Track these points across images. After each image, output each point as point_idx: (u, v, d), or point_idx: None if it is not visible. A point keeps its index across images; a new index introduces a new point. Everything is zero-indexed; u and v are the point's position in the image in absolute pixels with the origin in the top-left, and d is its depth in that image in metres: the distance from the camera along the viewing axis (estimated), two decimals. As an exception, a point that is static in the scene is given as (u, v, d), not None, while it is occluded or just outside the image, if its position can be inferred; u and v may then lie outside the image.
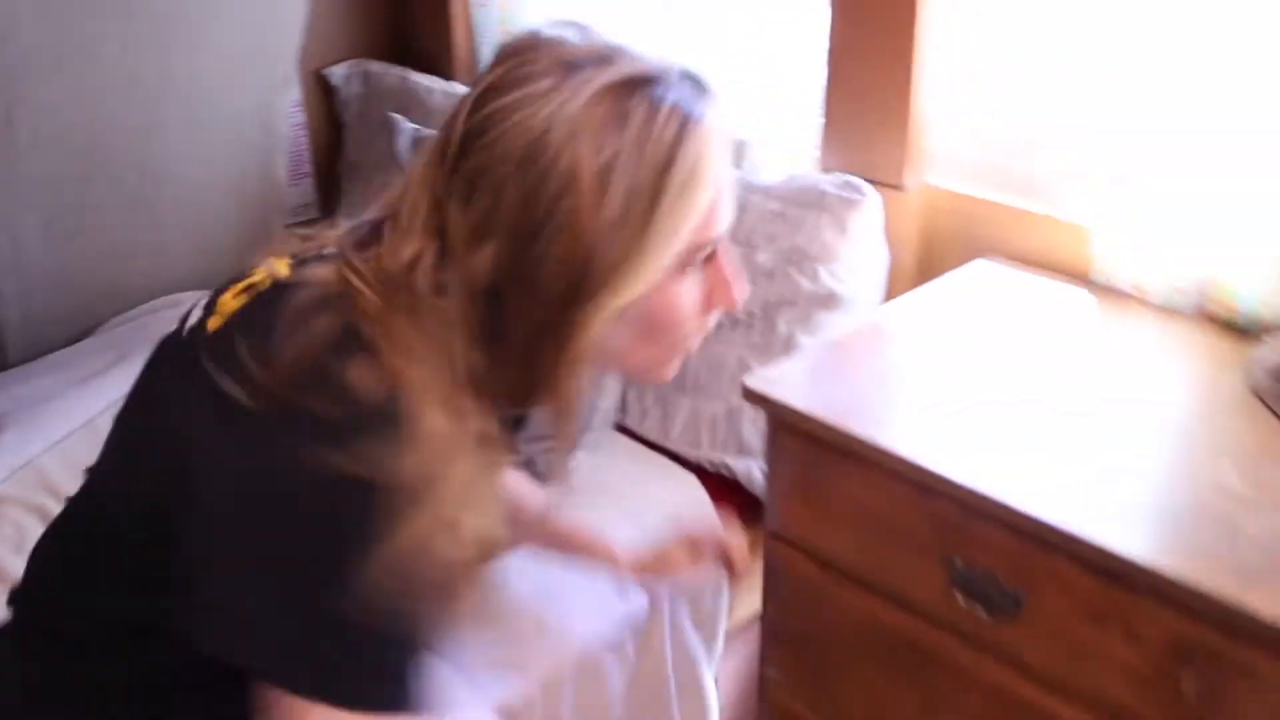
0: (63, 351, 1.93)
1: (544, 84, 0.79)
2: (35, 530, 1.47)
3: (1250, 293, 1.31)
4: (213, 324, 0.84)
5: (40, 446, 1.68)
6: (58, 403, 1.76)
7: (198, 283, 2.10)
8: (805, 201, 1.54)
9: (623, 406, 1.74)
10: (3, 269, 1.86)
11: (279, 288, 0.83)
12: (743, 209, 1.59)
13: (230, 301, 0.85)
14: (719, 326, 1.07)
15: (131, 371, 1.79)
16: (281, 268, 0.86)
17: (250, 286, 0.86)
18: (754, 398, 1.24)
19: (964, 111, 1.61)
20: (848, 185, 1.52)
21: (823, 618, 1.30)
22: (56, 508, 1.50)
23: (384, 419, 0.74)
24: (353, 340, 0.77)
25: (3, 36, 1.69)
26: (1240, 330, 1.33)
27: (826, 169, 1.63)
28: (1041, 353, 1.32)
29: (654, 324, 0.87)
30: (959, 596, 1.12)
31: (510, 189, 0.78)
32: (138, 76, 1.85)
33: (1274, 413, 1.16)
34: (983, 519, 1.07)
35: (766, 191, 1.60)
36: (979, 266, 1.53)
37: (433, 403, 0.77)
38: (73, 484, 1.53)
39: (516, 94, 0.79)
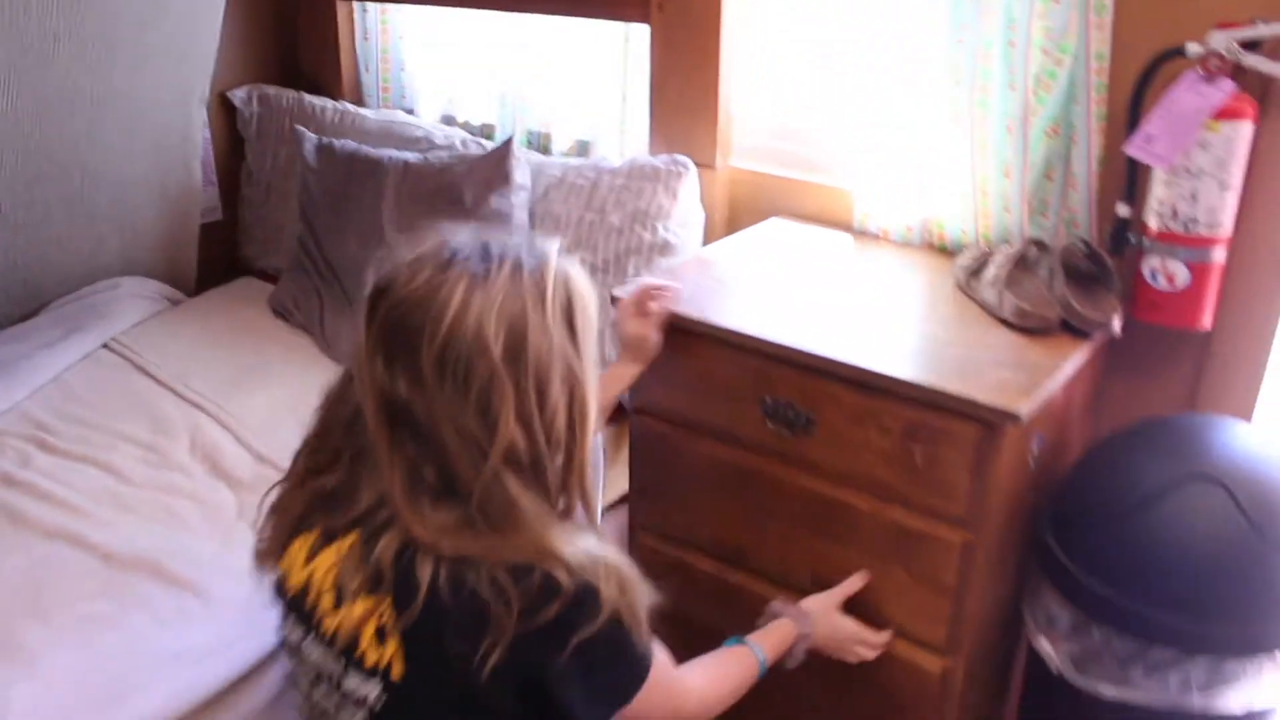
0: (20, 325, 2.26)
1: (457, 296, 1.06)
2: (32, 453, 1.84)
3: (952, 227, 1.90)
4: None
5: (22, 394, 2.03)
6: (28, 362, 2.09)
7: (127, 268, 2.45)
8: (644, 175, 2.05)
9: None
10: (-37, 256, 2.18)
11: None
12: (596, 186, 2.09)
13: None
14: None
15: (83, 340, 2.20)
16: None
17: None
18: (616, 300, 1.73)
19: (756, 109, 2.16)
20: (675, 162, 2.05)
21: (675, 465, 1.79)
22: (43, 436, 1.88)
23: (580, 588, 1.07)
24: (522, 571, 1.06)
25: (-30, 55, 2.02)
26: (948, 251, 1.91)
27: (655, 154, 2.15)
28: (818, 272, 1.87)
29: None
30: (769, 424, 1.64)
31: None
32: (81, 90, 2.20)
33: (967, 295, 1.74)
34: (783, 364, 1.59)
35: (614, 172, 2.10)
36: (772, 223, 2.08)
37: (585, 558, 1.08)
38: (50, 422, 1.92)
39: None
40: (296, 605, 1.18)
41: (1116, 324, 1.62)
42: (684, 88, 2.10)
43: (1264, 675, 1.48)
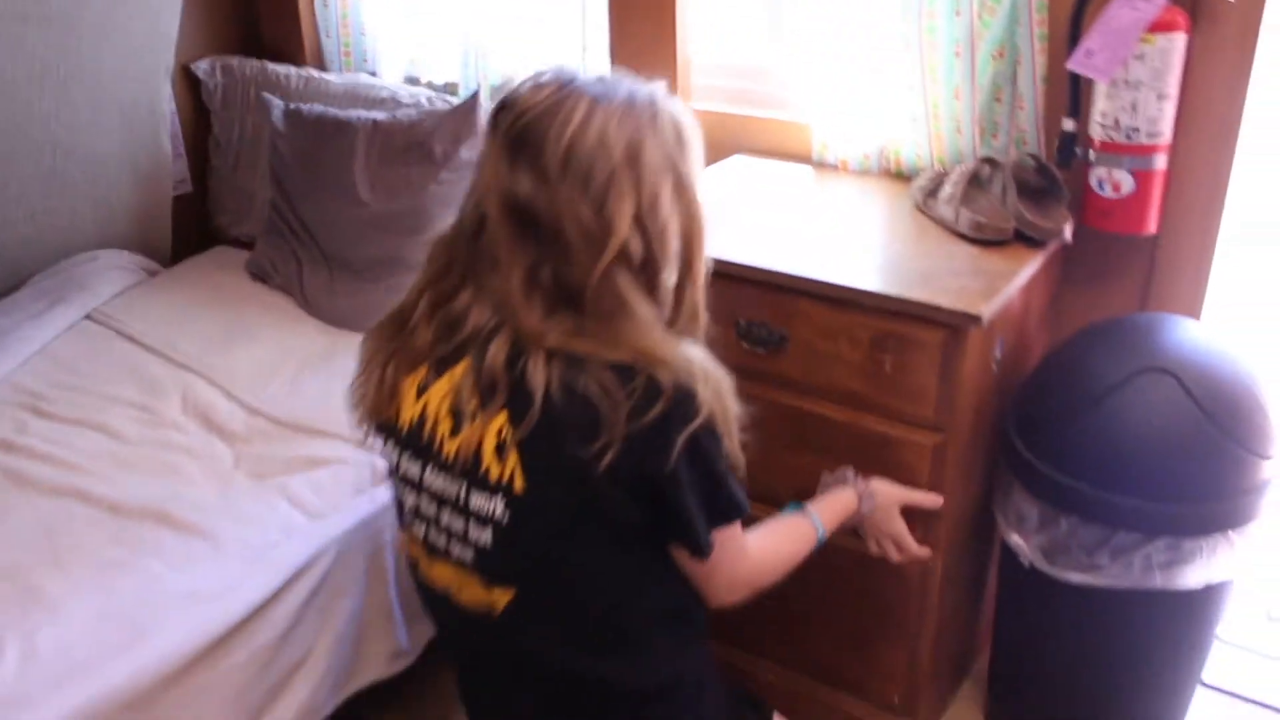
0: (4, 300, 2.29)
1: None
2: (27, 419, 1.89)
3: (907, 153, 1.98)
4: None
5: (12, 365, 2.07)
6: (13, 335, 2.13)
7: (104, 242, 2.48)
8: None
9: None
10: (-59, 235, 2.21)
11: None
12: (563, 133, 2.15)
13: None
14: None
15: (67, 311, 2.25)
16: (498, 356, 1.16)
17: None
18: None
19: (713, 50, 2.22)
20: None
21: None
22: (37, 404, 1.93)
23: (679, 389, 1.13)
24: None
25: (-60, 36, 2.05)
26: (905, 176, 1.99)
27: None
28: (782, 202, 1.94)
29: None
30: (744, 345, 1.71)
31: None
32: (49, 68, 2.22)
33: (925, 214, 1.82)
34: (754, 285, 1.67)
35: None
36: (735, 159, 2.15)
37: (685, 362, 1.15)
38: (43, 390, 1.97)
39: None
40: (412, 440, 1.24)
41: (1068, 232, 1.71)
42: (641, 32, 2.16)
43: (1219, 552, 1.58)
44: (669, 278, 1.20)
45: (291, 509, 1.71)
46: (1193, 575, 1.59)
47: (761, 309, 1.68)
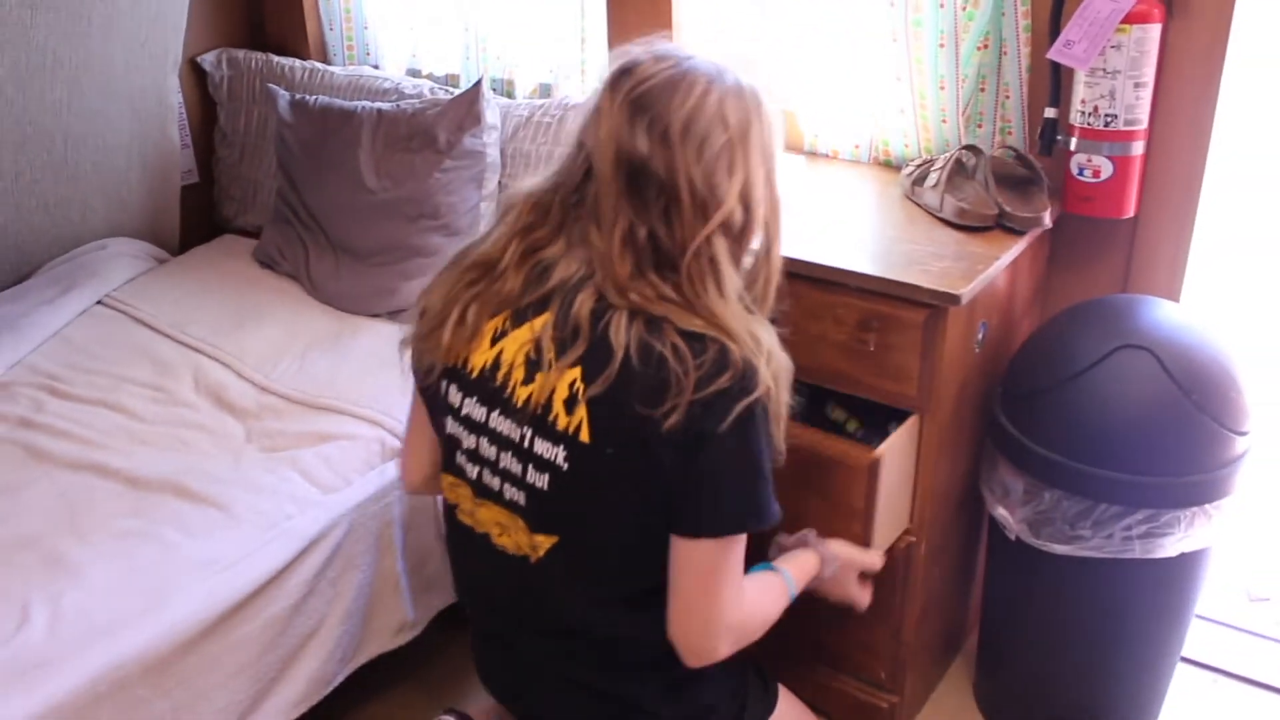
0: (16, 287, 2.34)
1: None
2: (45, 399, 1.95)
3: (896, 142, 2.04)
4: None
5: (27, 349, 2.13)
6: (30, 318, 2.19)
7: (113, 230, 2.54)
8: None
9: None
10: (-45, 224, 2.27)
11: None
12: (562, 122, 2.22)
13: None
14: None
15: (80, 297, 2.31)
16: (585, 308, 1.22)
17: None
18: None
19: (709, 42, 2.28)
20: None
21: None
22: (54, 384, 1.99)
23: (746, 364, 1.19)
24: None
25: (-46, 28, 2.10)
26: (894, 166, 2.06)
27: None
28: (776, 191, 2.00)
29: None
30: (739, 326, 1.77)
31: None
32: (60, 59, 2.28)
33: (912, 201, 1.89)
34: (748, 268, 1.73)
35: (579, 108, 2.20)
36: (730, 149, 2.21)
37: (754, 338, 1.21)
38: (59, 371, 2.03)
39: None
40: (482, 384, 1.29)
41: (1047, 219, 1.77)
42: (639, 25, 2.22)
43: (1196, 524, 1.65)
44: (754, 253, 1.29)
45: (304, 481, 1.77)
46: (1171, 545, 1.65)
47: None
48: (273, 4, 2.78)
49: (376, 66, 2.67)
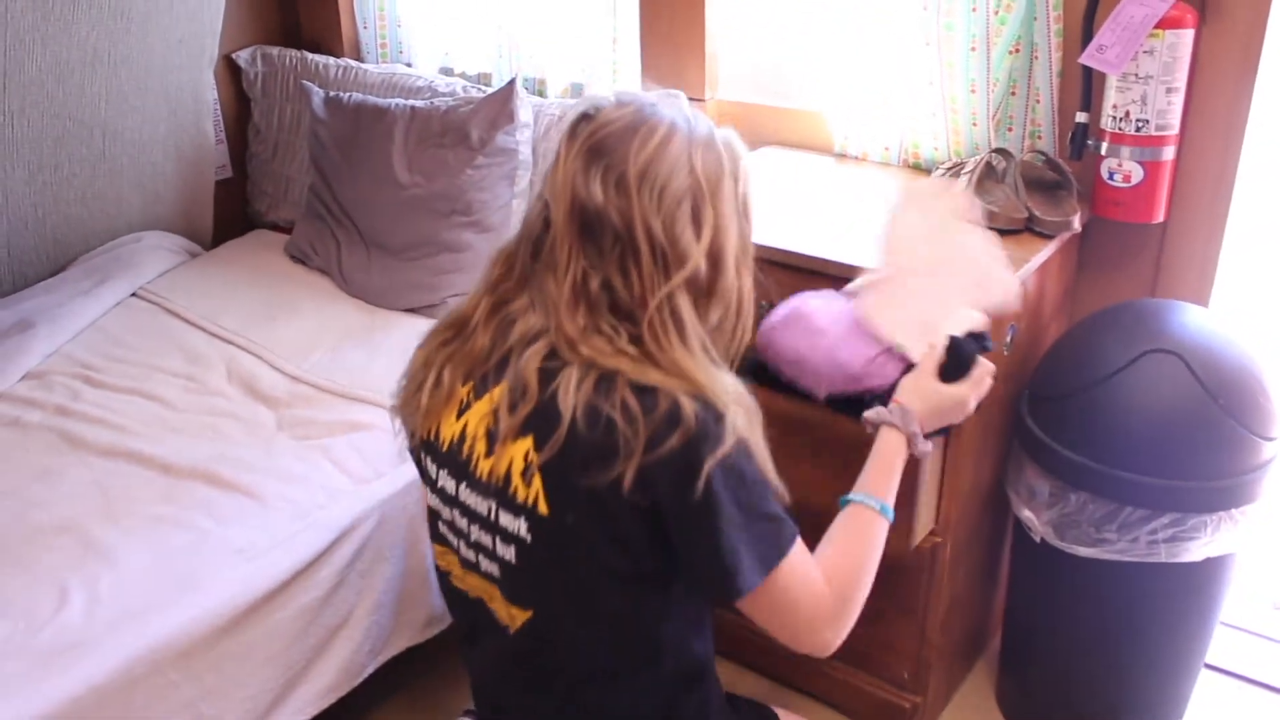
0: (53, 279, 2.39)
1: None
2: (80, 388, 1.98)
3: (926, 146, 2.05)
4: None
5: (64, 339, 2.17)
6: (67, 309, 2.23)
7: (147, 223, 2.58)
8: (640, 110, 2.19)
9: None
10: (-5, 214, 2.30)
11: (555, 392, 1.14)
12: (594, 123, 2.23)
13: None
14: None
15: (115, 289, 2.34)
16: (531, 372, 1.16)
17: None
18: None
19: (741, 44, 2.30)
20: (668, 94, 2.18)
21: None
22: (89, 374, 2.02)
23: (703, 418, 1.11)
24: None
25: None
26: (924, 169, 2.06)
27: (648, 88, 2.29)
28: (804, 191, 2.02)
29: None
30: (768, 325, 1.79)
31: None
32: (100, 54, 2.32)
33: (944, 203, 1.90)
34: (776, 267, 1.73)
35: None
36: (761, 152, 2.22)
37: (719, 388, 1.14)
38: (94, 361, 2.07)
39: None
40: (452, 458, 1.26)
41: (1076, 223, 1.77)
42: (671, 25, 2.24)
43: (1222, 529, 1.65)
44: (721, 309, 1.23)
45: (335, 471, 1.79)
46: (1197, 550, 1.65)
47: (783, 291, 1.75)
48: (308, 2, 2.81)
49: (409, 65, 2.69)
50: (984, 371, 1.42)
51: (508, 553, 1.22)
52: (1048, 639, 1.89)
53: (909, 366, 1.45)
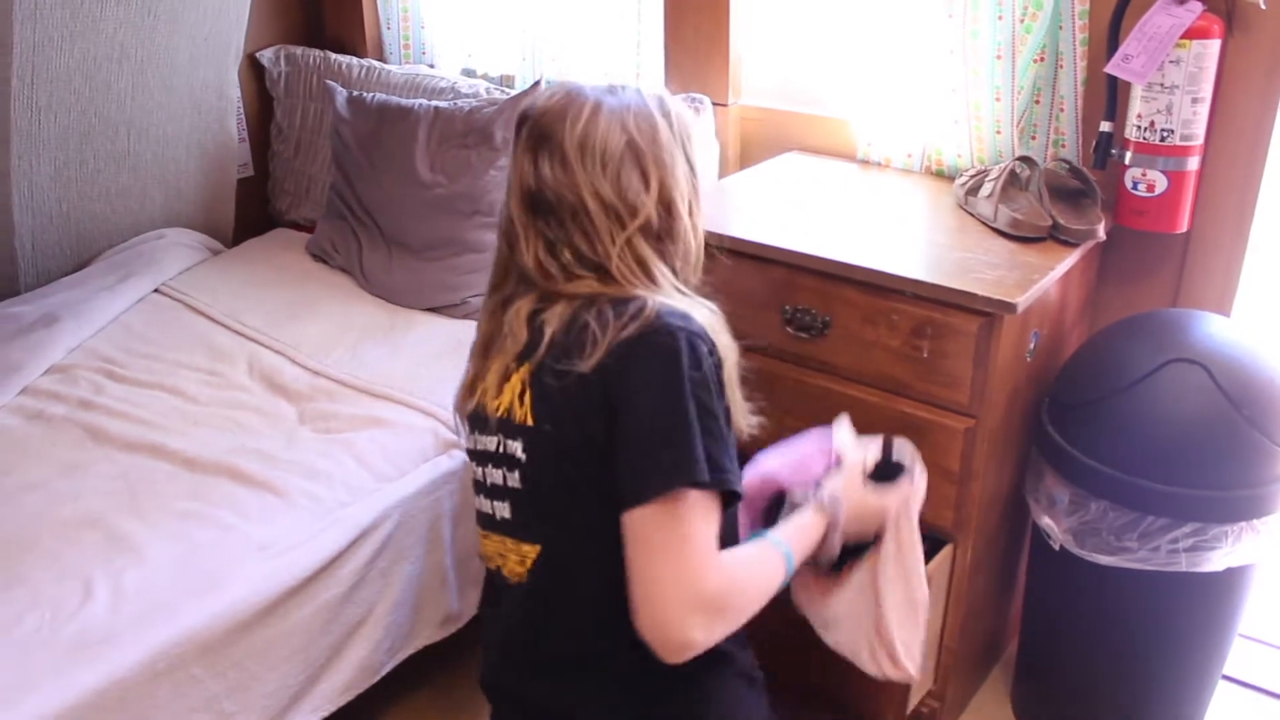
0: (77, 274, 2.40)
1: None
2: (103, 382, 2.00)
3: (949, 153, 2.05)
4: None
5: (89, 333, 2.18)
6: (88, 305, 2.24)
7: (170, 220, 2.59)
8: (663, 114, 2.20)
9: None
10: (20, 209, 2.31)
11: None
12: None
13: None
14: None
15: (138, 285, 2.36)
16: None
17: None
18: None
19: (764, 50, 2.30)
20: (692, 99, 2.19)
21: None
22: (112, 368, 2.03)
23: (679, 313, 1.22)
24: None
25: (28, 16, 2.14)
26: (947, 176, 2.07)
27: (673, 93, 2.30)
28: (829, 196, 2.02)
29: None
30: (789, 330, 1.79)
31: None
32: (127, 51, 2.33)
33: (966, 211, 1.90)
34: (802, 271, 1.75)
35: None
36: (783, 157, 2.23)
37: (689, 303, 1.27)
38: (117, 356, 2.08)
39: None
40: (477, 415, 1.35)
41: (1101, 231, 1.78)
42: (696, 30, 2.25)
43: (1244, 539, 1.65)
44: (680, 242, 1.33)
45: (358, 467, 1.80)
46: (1218, 560, 1.65)
47: (808, 294, 1.76)
48: (332, 2, 2.83)
49: (432, 66, 2.71)
50: (909, 489, 1.43)
51: (512, 478, 1.30)
52: (1065, 646, 1.89)
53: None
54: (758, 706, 1.38)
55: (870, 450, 1.46)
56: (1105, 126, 1.83)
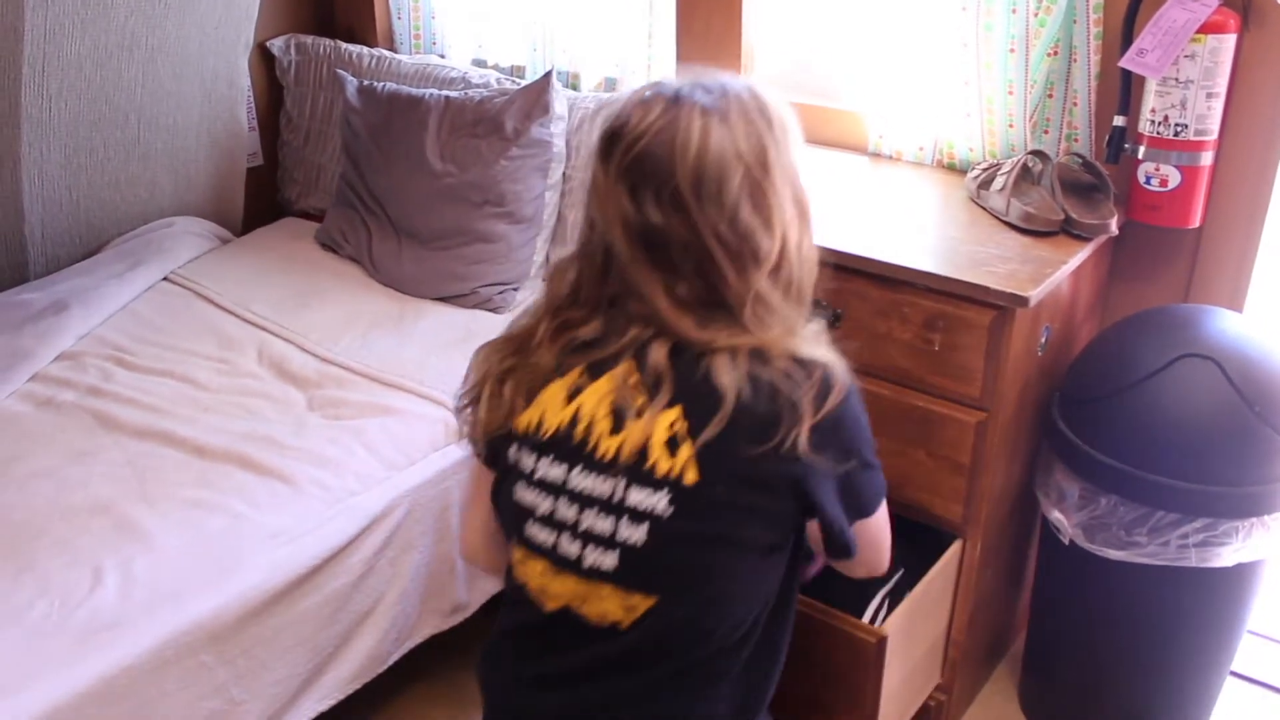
0: (86, 261, 2.40)
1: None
2: (113, 369, 2.00)
3: (961, 146, 2.05)
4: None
5: (98, 320, 2.18)
6: (100, 292, 2.24)
7: (179, 208, 2.59)
8: (673, 106, 2.19)
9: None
10: (30, 196, 2.30)
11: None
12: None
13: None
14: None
15: (147, 273, 2.36)
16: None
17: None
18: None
19: (776, 42, 2.30)
20: (685, 69, 2.19)
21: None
22: (121, 355, 2.03)
23: (847, 384, 1.19)
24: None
25: (39, 3, 2.13)
26: (958, 169, 2.06)
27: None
28: (841, 189, 2.02)
29: None
30: (801, 322, 1.79)
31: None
32: (137, 39, 2.33)
33: (978, 205, 1.89)
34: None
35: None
36: (794, 148, 2.22)
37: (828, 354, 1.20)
38: (126, 343, 2.08)
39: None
40: (558, 444, 1.21)
41: (1114, 226, 1.77)
42: (708, 21, 2.24)
43: (1254, 535, 1.65)
44: (796, 275, 1.22)
45: (367, 455, 1.80)
46: (1228, 555, 1.65)
47: (818, 288, 1.75)
48: (344, -9, 2.82)
49: (443, 56, 2.70)
50: None
51: (635, 533, 1.18)
52: (1073, 641, 1.89)
53: None
54: None
55: None
56: (1119, 121, 1.83)
